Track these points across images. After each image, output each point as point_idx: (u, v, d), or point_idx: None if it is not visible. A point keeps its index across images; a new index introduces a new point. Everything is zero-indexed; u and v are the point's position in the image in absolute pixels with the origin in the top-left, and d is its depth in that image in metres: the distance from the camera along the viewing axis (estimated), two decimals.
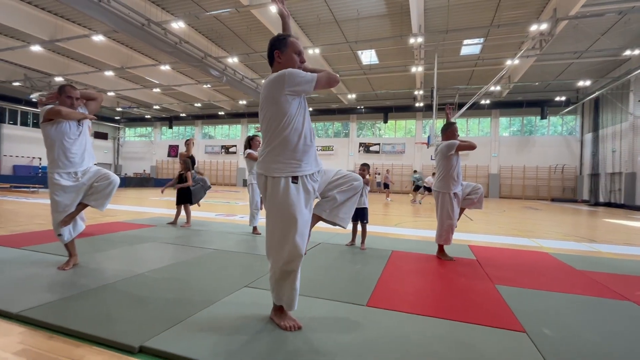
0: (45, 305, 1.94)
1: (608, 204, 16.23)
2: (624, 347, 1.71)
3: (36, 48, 13.47)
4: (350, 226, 4.15)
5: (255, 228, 4.80)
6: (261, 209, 4.88)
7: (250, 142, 4.84)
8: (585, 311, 2.20)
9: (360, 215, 3.97)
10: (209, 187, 5.71)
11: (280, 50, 1.76)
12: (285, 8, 1.89)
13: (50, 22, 12.72)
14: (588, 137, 18.98)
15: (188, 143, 5.66)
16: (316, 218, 1.90)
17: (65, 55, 16.52)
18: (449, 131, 3.66)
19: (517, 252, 4.10)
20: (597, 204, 17.24)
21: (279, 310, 1.83)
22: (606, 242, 5.27)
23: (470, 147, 3.55)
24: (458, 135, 3.68)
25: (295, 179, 1.70)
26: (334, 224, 1.91)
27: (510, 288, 2.61)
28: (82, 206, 2.75)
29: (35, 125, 25.06)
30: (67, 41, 13.01)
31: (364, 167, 4.27)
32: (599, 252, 4.40)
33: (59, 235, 2.72)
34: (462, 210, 3.76)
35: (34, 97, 20.37)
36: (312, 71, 1.74)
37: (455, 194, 3.56)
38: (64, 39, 12.72)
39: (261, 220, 5.18)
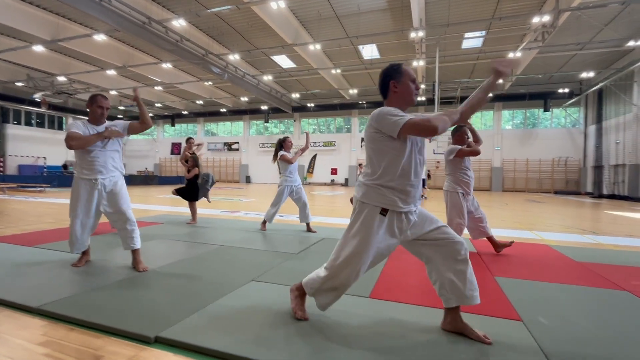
0: (63, 299, 2.04)
1: (612, 196, 16.21)
2: (617, 333, 1.78)
3: (38, 48, 13.58)
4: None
5: (264, 223, 4.81)
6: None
7: (282, 144, 4.75)
8: (581, 301, 2.27)
9: None
10: (213, 183, 5.72)
11: (396, 80, 1.71)
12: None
13: (52, 22, 12.80)
14: (591, 129, 18.89)
15: (189, 141, 5.67)
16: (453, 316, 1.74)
17: (67, 55, 16.61)
18: (457, 134, 3.61)
19: (518, 244, 4.16)
20: (600, 196, 17.21)
21: (301, 294, 1.93)
22: (608, 234, 5.31)
23: (473, 153, 3.48)
24: (468, 138, 3.61)
25: (384, 212, 1.66)
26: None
27: (508, 279, 2.69)
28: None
29: (39, 124, 25.27)
30: (69, 41, 13.09)
31: None
32: (600, 244, 4.46)
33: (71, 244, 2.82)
34: (491, 240, 3.69)
35: (37, 97, 20.52)
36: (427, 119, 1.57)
37: (463, 194, 3.52)
38: (65, 38, 12.81)
39: (279, 217, 5.20)
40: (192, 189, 5.39)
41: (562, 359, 1.51)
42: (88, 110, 2.77)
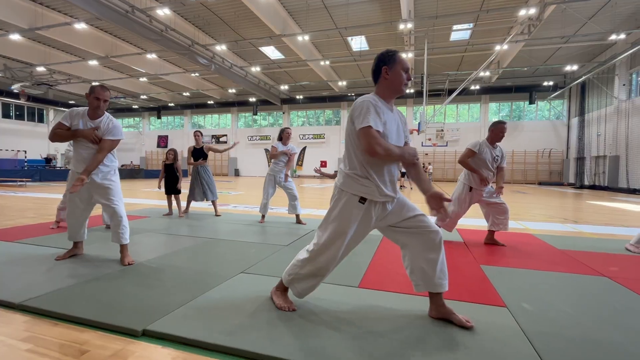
0: (47, 294, 1.99)
1: (593, 187, 16.70)
2: (596, 317, 1.85)
3: (15, 37, 13.03)
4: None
5: (262, 216, 4.86)
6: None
7: (281, 135, 4.76)
8: (562, 287, 2.35)
9: None
10: (201, 200, 5.46)
11: (388, 66, 1.71)
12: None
13: (29, 10, 12.29)
14: (574, 121, 19.34)
15: (195, 134, 5.53)
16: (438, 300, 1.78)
17: (47, 44, 16.02)
18: (492, 129, 3.47)
19: (503, 234, 4.24)
20: (582, 186, 17.72)
21: (281, 290, 1.94)
22: (588, 223, 5.48)
23: (471, 169, 3.43)
24: (502, 136, 3.44)
25: (362, 200, 1.69)
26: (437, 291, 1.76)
27: (494, 267, 2.75)
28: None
29: (19, 117, 24.42)
30: (48, 29, 12.60)
31: None
32: (581, 232, 4.60)
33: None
34: (492, 234, 3.65)
35: (15, 88, 19.77)
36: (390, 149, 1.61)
37: (471, 188, 3.49)
38: (44, 27, 12.32)
39: (269, 210, 5.15)
40: (175, 182, 5.36)
41: (544, 342, 1.55)
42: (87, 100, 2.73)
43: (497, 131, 3.45)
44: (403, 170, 10.97)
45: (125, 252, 2.74)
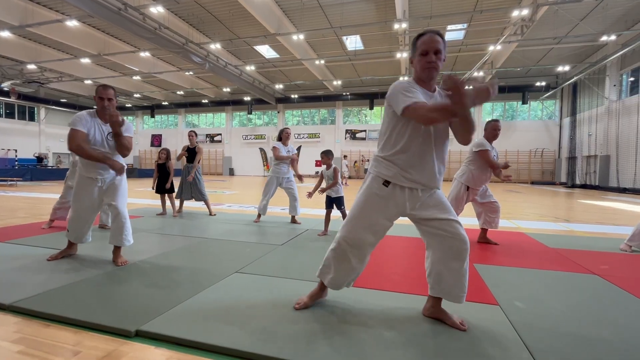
0: (39, 295, 1.97)
1: (584, 186, 16.92)
2: (587, 314, 1.88)
3: (5, 34, 12.81)
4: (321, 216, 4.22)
5: (259, 216, 4.85)
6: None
7: (281, 135, 4.80)
8: (554, 285, 2.38)
9: (337, 203, 4.04)
10: (190, 199, 5.49)
11: (411, 54, 1.72)
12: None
13: (20, 6, 12.08)
14: (566, 121, 19.56)
15: (189, 135, 5.50)
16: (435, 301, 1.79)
17: (38, 42, 15.76)
18: (489, 127, 3.51)
19: (496, 233, 4.30)
20: (573, 185, 17.94)
21: (319, 286, 1.95)
22: (579, 222, 5.56)
23: (491, 165, 3.41)
24: (498, 134, 3.48)
25: (387, 183, 1.67)
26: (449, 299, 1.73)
27: (487, 266, 2.78)
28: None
29: (9, 115, 24.04)
30: (39, 26, 12.40)
31: (323, 156, 4.02)
32: (572, 231, 4.67)
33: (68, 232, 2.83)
34: (485, 232, 3.70)
35: (6, 86, 19.46)
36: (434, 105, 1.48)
37: (469, 188, 3.50)
38: (35, 24, 12.12)
39: (271, 209, 5.17)
40: (165, 180, 5.33)
41: (536, 339, 1.58)
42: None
43: (491, 129, 3.50)
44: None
45: (119, 252, 2.72)
